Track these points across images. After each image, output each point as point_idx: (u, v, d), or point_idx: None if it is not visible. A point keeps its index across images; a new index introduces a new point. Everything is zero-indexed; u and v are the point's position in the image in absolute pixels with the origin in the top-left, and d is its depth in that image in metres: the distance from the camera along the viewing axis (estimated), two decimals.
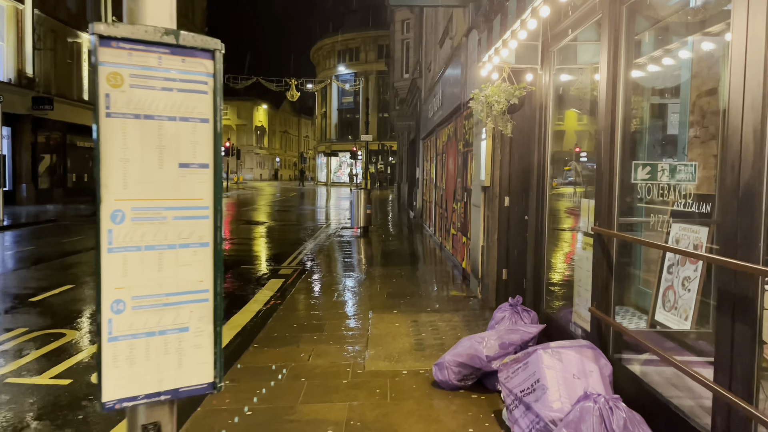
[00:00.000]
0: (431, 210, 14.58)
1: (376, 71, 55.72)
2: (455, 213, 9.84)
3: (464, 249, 8.67)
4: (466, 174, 8.58)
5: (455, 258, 9.72)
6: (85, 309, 7.03)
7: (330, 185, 59.25)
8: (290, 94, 37.23)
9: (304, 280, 8.55)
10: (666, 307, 4.50)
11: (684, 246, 4.10)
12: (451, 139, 10.60)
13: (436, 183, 13.27)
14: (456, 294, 7.54)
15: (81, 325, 6.35)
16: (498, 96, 4.80)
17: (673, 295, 4.45)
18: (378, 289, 7.86)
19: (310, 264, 10.12)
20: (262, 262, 10.85)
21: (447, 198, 11.09)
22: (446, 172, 11.27)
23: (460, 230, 9.21)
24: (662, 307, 4.53)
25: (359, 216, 14.84)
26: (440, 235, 12.22)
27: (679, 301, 4.36)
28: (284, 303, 7.14)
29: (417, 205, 17.93)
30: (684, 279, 4.38)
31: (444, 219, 11.53)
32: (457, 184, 9.59)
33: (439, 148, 12.62)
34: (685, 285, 4.35)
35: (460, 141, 9.40)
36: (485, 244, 6.91)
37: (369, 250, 11.90)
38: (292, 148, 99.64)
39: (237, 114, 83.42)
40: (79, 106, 26.17)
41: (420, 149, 17.61)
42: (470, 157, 8.20)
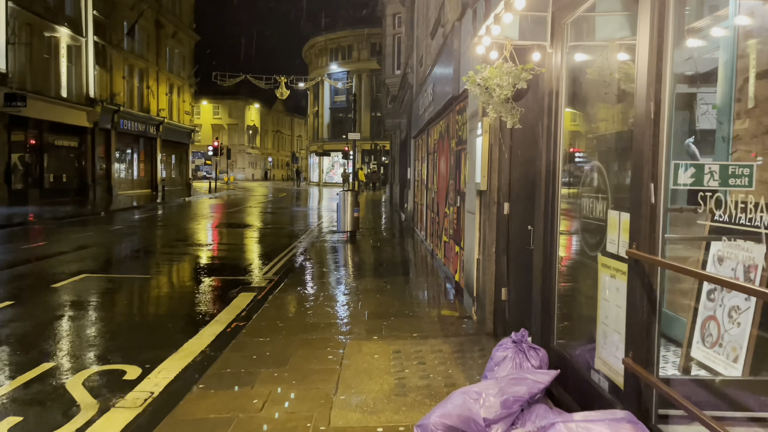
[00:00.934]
0: (422, 213, 13.62)
1: (369, 70, 54.73)
2: (447, 218, 8.88)
3: (457, 260, 7.71)
4: (460, 175, 7.62)
5: (447, 269, 8.76)
6: (21, 331, 6.01)
7: (322, 185, 58.21)
8: (279, 92, 36.19)
9: (277, 295, 7.57)
10: (707, 342, 3.56)
11: (731, 268, 3.18)
12: (443, 136, 9.64)
13: (428, 184, 12.31)
14: (448, 314, 6.57)
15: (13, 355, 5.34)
16: (500, 79, 3.83)
17: (716, 328, 3.50)
18: (359, 307, 6.88)
19: (288, 274, 9.13)
20: (236, 273, 9.85)
21: (439, 201, 10.13)
22: (438, 172, 10.31)
23: (452, 238, 8.25)
24: (701, 342, 3.58)
25: (346, 220, 13.86)
26: (432, 242, 11.26)
27: (725, 337, 3.41)
28: (249, 325, 6.16)
29: (408, 208, 16.97)
30: (731, 309, 3.43)
31: (436, 224, 10.57)
32: (450, 187, 8.63)
33: (431, 146, 11.66)
34: (733, 317, 3.40)
35: (452, 138, 8.44)
36: (481, 257, 5.95)
37: (354, 258, 10.92)
38: (285, 148, 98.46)
39: (228, 113, 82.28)
40: (57, 104, 25.06)
41: (411, 148, 16.65)
42: (464, 157, 7.24)
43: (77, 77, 27.08)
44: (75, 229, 15.76)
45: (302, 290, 7.89)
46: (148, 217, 20.08)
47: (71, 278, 8.85)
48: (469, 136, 6.58)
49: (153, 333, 6.19)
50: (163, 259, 11.01)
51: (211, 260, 11.30)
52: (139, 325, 6.58)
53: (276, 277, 9.22)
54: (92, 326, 6.42)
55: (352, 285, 8.25)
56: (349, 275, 9.01)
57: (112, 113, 29.86)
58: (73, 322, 6.53)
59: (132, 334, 6.17)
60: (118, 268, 9.90)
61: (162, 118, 36.44)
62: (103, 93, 29.33)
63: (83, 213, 20.13)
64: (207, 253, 12.00)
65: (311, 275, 9.04)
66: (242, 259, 11.26)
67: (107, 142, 30.18)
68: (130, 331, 6.25)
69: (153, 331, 6.25)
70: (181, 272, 9.92)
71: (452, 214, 8.34)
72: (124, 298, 7.88)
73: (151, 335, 6.09)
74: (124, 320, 6.75)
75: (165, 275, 9.46)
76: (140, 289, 8.38)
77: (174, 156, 41.96)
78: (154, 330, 6.33)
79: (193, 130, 43.14)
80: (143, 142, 35.46)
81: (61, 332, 6.19)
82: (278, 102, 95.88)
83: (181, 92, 41.15)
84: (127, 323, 6.63)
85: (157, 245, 13.15)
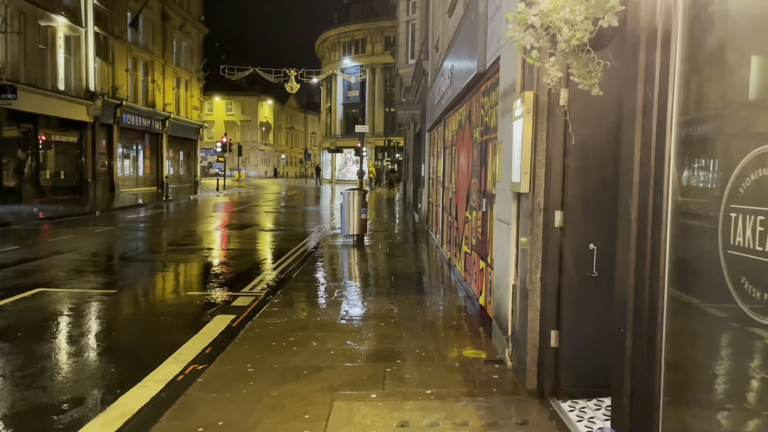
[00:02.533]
0: (438, 215, 12.06)
1: (383, 64, 53.17)
2: (469, 225, 7.31)
3: (483, 279, 6.14)
4: (486, 173, 6.06)
5: (469, 286, 7.19)
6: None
7: (335, 183, 56.79)
8: (289, 86, 34.73)
9: (258, 321, 6.07)
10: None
11: None
12: (463, 125, 8.07)
13: (444, 183, 10.73)
14: (472, 354, 5.01)
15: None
16: (570, 12, 2.28)
17: None
18: (356, 343, 5.35)
19: (277, 290, 7.63)
20: (218, 286, 8.38)
21: (457, 203, 8.56)
22: (456, 169, 8.74)
23: (476, 250, 6.68)
24: None
25: (351, 222, 12.34)
26: (449, 250, 9.70)
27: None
28: (209, 369, 4.66)
29: (422, 208, 15.41)
30: None
31: (453, 230, 9.00)
32: (472, 187, 7.06)
33: (448, 139, 10.08)
34: None
35: (476, 127, 6.87)
36: (518, 284, 4.39)
37: (358, 269, 9.38)
38: (299, 145, 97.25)
39: (241, 110, 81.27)
40: (54, 97, 23.84)
41: (426, 143, 15.08)
42: (492, 149, 5.68)
43: (76, 70, 25.85)
44: (59, 231, 14.43)
45: (289, 314, 6.38)
46: (143, 218, 18.74)
47: (22, 294, 7.45)
48: (501, 121, 5.02)
49: (79, 383, 4.69)
50: (139, 269, 9.58)
51: (194, 270, 9.85)
52: (65, 369, 5.08)
53: (263, 293, 7.73)
54: (4, 369, 4.96)
55: (351, 307, 6.72)
56: (348, 293, 7.48)
57: (115, 108, 28.63)
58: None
59: (47, 384, 4.70)
60: (83, 281, 8.47)
61: (168, 113, 35.20)
62: (105, 86, 28.10)
63: (77, 212, 18.84)
64: (192, 261, 10.56)
65: (304, 293, 7.53)
66: (230, 269, 9.79)
67: (109, 138, 28.96)
68: (50, 379, 4.77)
69: (80, 381, 4.76)
70: (154, 286, 8.47)
71: (475, 220, 6.77)
72: (69, 324, 6.43)
73: (75, 387, 4.60)
74: (50, 359, 5.28)
75: (134, 290, 8.01)
76: (97, 310, 6.93)
77: (182, 152, 40.77)
78: (82, 378, 4.84)
79: (201, 126, 41.89)
80: (148, 138, 34.25)
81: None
82: (291, 98, 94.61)
83: (189, 87, 39.91)
84: (52, 365, 5.14)
85: (140, 251, 11.74)
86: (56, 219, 17.15)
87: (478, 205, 6.53)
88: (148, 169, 34.61)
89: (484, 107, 6.32)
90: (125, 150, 31.86)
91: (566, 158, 3.81)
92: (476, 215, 6.71)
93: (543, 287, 3.98)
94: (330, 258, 10.32)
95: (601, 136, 3.72)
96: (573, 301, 3.82)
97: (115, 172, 29.43)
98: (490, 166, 5.76)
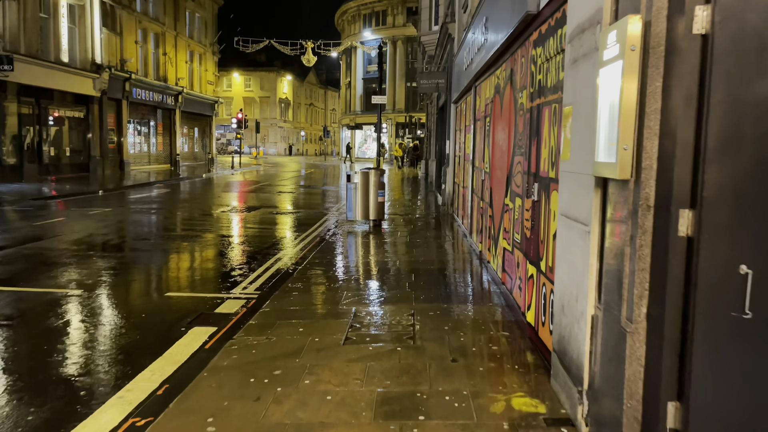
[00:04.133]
0: (465, 199, 10.55)
1: (404, 36, 51.15)
2: (509, 215, 5.81)
3: (531, 289, 4.66)
4: (538, 149, 4.54)
5: (509, 292, 5.72)
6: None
7: (354, 161, 55.31)
8: (306, 59, 33.13)
9: (240, 339, 4.70)
10: None
11: None
12: (501, 90, 6.52)
13: (474, 161, 9.20)
14: (526, 407, 3.55)
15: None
16: None
17: None
18: (364, 381, 3.93)
19: (271, 293, 6.25)
20: (205, 285, 7.04)
21: (493, 187, 7.05)
22: (491, 145, 7.21)
23: (520, 249, 5.19)
24: None
25: (367, 206, 10.90)
26: (480, 240, 8.22)
27: None
28: (156, 424, 3.30)
29: (446, 190, 13.89)
30: None
31: (487, 218, 7.51)
32: (515, 167, 5.54)
33: (479, 109, 8.52)
34: None
35: (521, 90, 5.33)
36: (602, 316, 2.92)
37: (372, 265, 7.96)
38: (318, 122, 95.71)
39: (260, 86, 79.87)
40: (57, 69, 22.64)
41: (451, 116, 13.49)
42: (551, 116, 4.15)
43: (81, 40, 24.60)
44: (50, 212, 13.25)
45: (281, 329, 4.99)
46: (146, 198, 17.52)
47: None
48: (570, 75, 3.49)
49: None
50: (118, 262, 8.29)
51: (182, 263, 8.53)
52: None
53: (256, 295, 6.37)
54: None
55: (360, 321, 5.31)
56: (358, 300, 6.07)
57: (123, 81, 27.40)
58: None
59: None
60: (47, 276, 7.20)
61: (181, 88, 33.91)
62: (112, 59, 26.84)
63: (77, 192, 17.70)
64: (183, 251, 9.25)
65: (304, 298, 6.14)
66: (223, 262, 8.46)
67: (118, 114, 27.78)
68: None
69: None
70: (130, 285, 7.15)
71: (520, 210, 5.27)
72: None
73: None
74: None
75: (104, 291, 6.70)
76: (47, 320, 5.61)
77: (197, 129, 39.56)
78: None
79: (216, 102, 40.56)
80: (161, 113, 33.03)
81: None
82: (311, 74, 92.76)
83: (203, 60, 38.52)
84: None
85: (127, 238, 10.46)
86: (52, 199, 16.01)
87: (525, 191, 5.02)
88: (160, 146, 33.46)
89: (535, 62, 4.77)
90: (136, 126, 30.71)
91: (702, 124, 2.30)
92: (521, 204, 5.20)
93: (653, 330, 2.50)
94: (341, 249, 8.91)
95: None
96: (708, 357, 2.34)
97: (125, 149, 28.31)
98: (547, 139, 4.24)
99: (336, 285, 6.60)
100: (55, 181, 20.98)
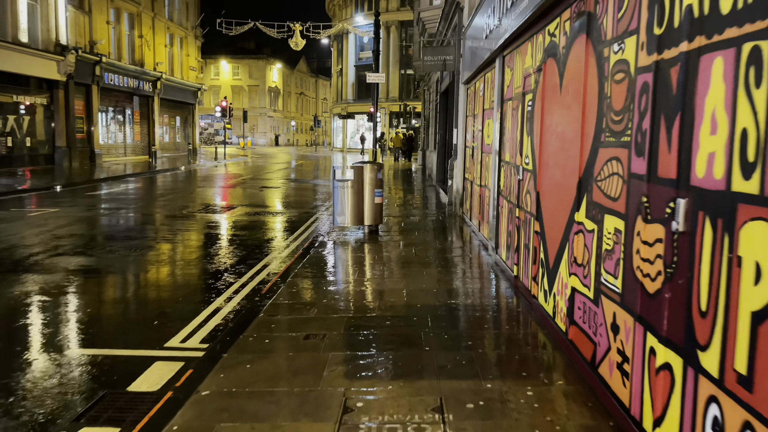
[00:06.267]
0: (484, 200, 8.49)
1: (399, 21, 48.82)
2: (584, 239, 3.72)
3: (667, 389, 2.58)
4: (681, 135, 2.45)
5: (591, 364, 3.64)
6: None
7: (346, 151, 53.08)
8: (294, 42, 30.83)
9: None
10: None
11: None
12: (561, 52, 4.40)
13: (502, 155, 7.11)
14: None
15: None
16: None
17: None
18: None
19: (221, 353, 4.15)
20: (132, 333, 4.95)
21: (544, 192, 4.96)
22: (540, 133, 5.12)
23: (628, 306, 3.09)
24: None
25: (362, 208, 8.82)
26: (512, 259, 6.13)
27: None
28: None
29: (454, 186, 11.82)
30: None
31: (530, 235, 5.43)
32: (602, 166, 3.46)
33: (514, 84, 6.41)
34: None
35: (618, 40, 3.23)
36: None
37: (369, 299, 5.86)
38: (309, 111, 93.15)
39: (249, 74, 77.25)
40: (14, 50, 20.31)
41: (460, 99, 11.38)
42: (732, 69, 2.05)
43: (43, 19, 22.23)
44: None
45: (236, 410, 2.92)
46: (108, 195, 15.33)
47: None
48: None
49: None
50: (24, 289, 6.17)
51: (107, 292, 6.42)
52: None
53: (198, 354, 4.28)
54: None
55: (353, 427, 3.23)
56: (347, 372, 3.98)
57: (93, 65, 25.06)
58: None
59: None
60: None
61: (160, 74, 31.54)
62: (80, 40, 24.48)
63: (32, 187, 15.49)
64: (116, 272, 7.14)
65: (265, 367, 4.04)
66: (167, 292, 6.36)
67: (88, 100, 25.46)
68: None
69: None
70: (15, 333, 5.04)
71: (612, 236, 3.19)
72: None
73: None
74: None
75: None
76: None
77: (179, 118, 37.22)
78: None
79: (199, 89, 38.17)
80: (138, 101, 30.67)
81: None
82: (302, 62, 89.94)
83: (184, 44, 36.11)
84: None
85: (54, 250, 8.31)
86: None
87: (642, 209, 2.93)
88: (138, 135, 31.14)
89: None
90: (110, 114, 28.38)
91: None
92: (621, 229, 3.12)
93: None
94: (326, 272, 6.80)
95: None
96: None
97: (96, 139, 26.00)
98: (723, 116, 2.17)
99: (317, 339, 4.50)
100: (9, 175, 18.69)
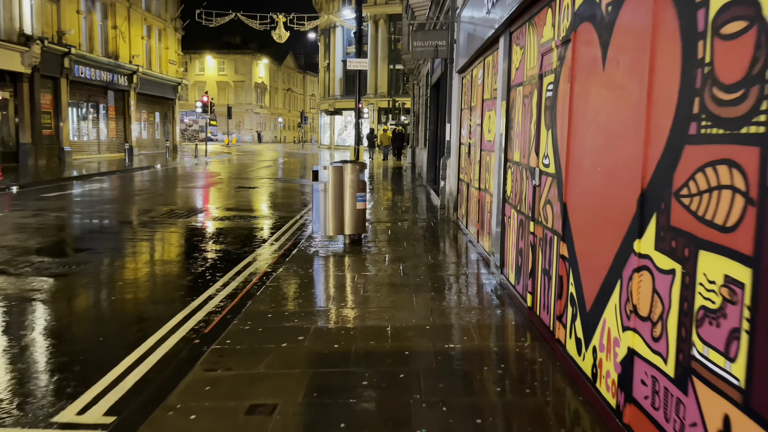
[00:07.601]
0: (483, 206, 7.26)
1: (387, 15, 47.53)
2: (646, 280, 2.50)
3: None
4: None
5: None
6: None
7: (334, 148, 51.73)
8: (277, 34, 29.45)
9: None
10: None
11: None
12: (603, 15, 3.18)
13: (508, 153, 5.87)
14: None
15: None
16: None
17: None
18: None
19: (154, 406, 2.88)
20: (23, 396, 3.65)
21: (572, 206, 3.73)
22: (568, 126, 3.89)
23: (753, 413, 1.88)
24: None
25: (342, 215, 7.57)
26: (525, 287, 4.90)
27: None
28: None
29: (447, 188, 10.59)
30: None
31: (554, 260, 4.19)
32: (692, 172, 2.24)
33: (523, 68, 5.17)
34: None
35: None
36: None
37: (343, 340, 4.59)
38: (297, 108, 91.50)
39: (234, 69, 75.60)
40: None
41: (453, 91, 10.14)
42: None
43: (6, 7, 20.71)
44: None
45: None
46: (67, 196, 13.92)
47: None
48: None
49: None
50: None
51: (34, 327, 5.11)
52: None
53: (107, 426, 3.01)
54: None
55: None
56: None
57: (61, 56, 23.54)
58: None
59: None
60: None
61: (136, 67, 30.01)
62: (47, 30, 22.94)
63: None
64: (26, 300, 5.83)
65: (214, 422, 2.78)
66: (87, 331, 5.06)
67: (56, 94, 23.93)
68: None
69: None
70: None
71: (719, 290, 1.96)
72: None
73: None
74: None
75: None
76: None
77: (158, 114, 35.69)
78: None
79: (180, 83, 36.65)
80: (112, 95, 29.16)
81: None
82: (289, 58, 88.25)
83: (162, 37, 34.56)
84: None
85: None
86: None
87: (758, 246, 1.69)
88: (113, 132, 29.62)
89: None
90: (82, 109, 26.86)
91: None
92: (728, 275, 1.89)
93: None
94: (292, 298, 5.53)
95: None
96: None
97: (65, 136, 24.48)
98: None
99: (264, 414, 3.22)
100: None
